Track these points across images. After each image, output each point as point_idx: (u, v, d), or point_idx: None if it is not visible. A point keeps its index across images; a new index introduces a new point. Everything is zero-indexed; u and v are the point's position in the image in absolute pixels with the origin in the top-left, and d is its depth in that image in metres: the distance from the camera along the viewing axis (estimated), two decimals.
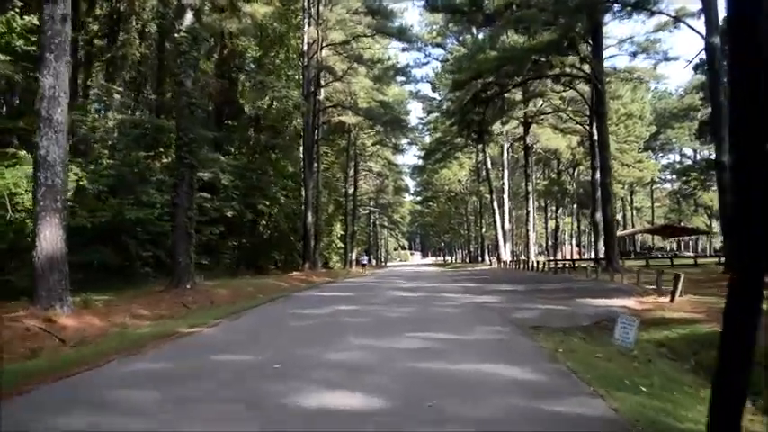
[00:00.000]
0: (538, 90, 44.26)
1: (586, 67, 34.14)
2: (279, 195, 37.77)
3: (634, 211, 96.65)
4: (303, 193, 40.80)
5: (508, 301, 15.14)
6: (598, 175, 43.34)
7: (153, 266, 25.04)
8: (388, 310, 13.39)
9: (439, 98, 65.22)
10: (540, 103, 51.50)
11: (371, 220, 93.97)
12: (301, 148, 41.80)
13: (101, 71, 35.56)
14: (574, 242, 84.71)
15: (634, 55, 38.36)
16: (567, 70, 34.41)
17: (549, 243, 78.16)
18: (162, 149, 28.23)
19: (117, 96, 30.93)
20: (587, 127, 43.72)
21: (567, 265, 34.22)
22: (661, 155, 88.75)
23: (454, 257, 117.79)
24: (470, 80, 31.78)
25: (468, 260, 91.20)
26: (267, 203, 34.81)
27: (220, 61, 37.52)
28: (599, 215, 43.72)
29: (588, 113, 42.93)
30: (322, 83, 42.43)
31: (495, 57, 30.99)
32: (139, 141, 27.87)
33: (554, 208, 73.56)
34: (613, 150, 54.39)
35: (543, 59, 31.08)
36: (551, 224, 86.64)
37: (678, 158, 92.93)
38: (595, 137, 42.56)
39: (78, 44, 29.52)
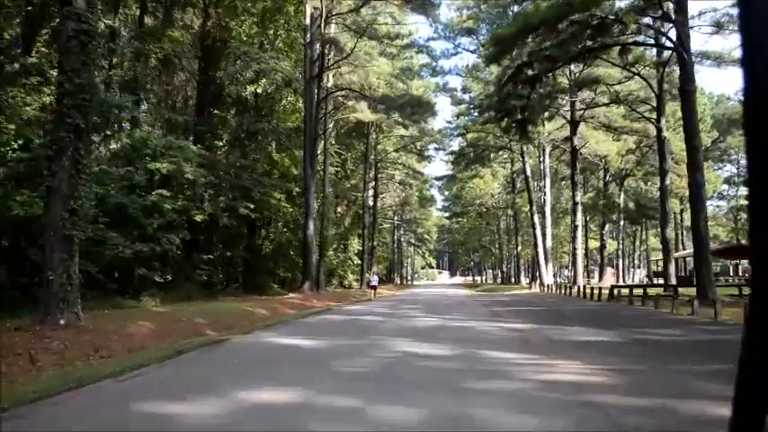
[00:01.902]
0: (593, 76, 36.25)
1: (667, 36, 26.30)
2: (272, 197, 30.26)
3: (684, 231, 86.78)
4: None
5: (639, 386, 7.15)
6: (668, 181, 35.27)
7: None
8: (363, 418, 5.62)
9: (468, 99, 57.40)
10: (591, 96, 43.47)
11: (396, 236, 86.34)
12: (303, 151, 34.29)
13: None
14: (620, 264, 75.55)
15: (718, 28, 30.29)
16: (640, 38, 26.55)
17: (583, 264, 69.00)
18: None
19: None
20: (653, 121, 35.57)
21: (632, 293, 26.13)
22: (718, 166, 79.49)
23: (484, 277, 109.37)
24: (515, 38, 23.99)
25: (500, 281, 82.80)
26: (251, 206, 27.34)
27: (202, 35, 30.39)
28: (669, 231, 35.66)
29: (655, 104, 34.80)
30: (328, 63, 35.00)
31: (550, 5, 23.19)
32: None
33: (600, 224, 64.84)
34: (677, 151, 45.97)
35: (612, 18, 23.23)
36: (592, 243, 78.13)
37: (736, 170, 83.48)
38: (664, 132, 34.58)
39: None
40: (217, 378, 7.38)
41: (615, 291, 27.78)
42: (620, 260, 74.47)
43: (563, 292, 37.01)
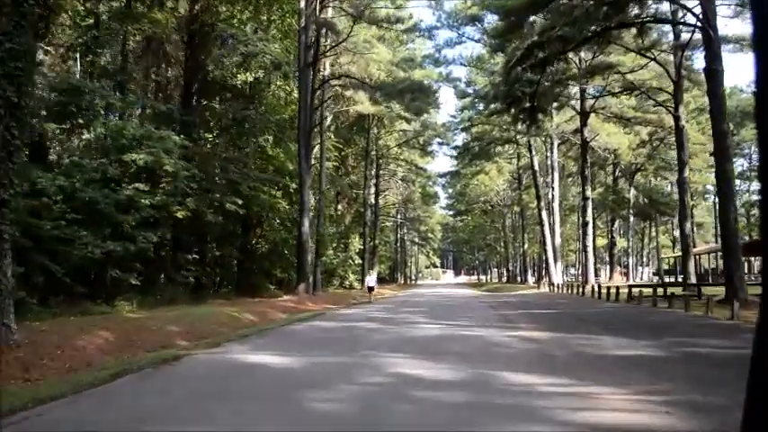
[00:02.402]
0: (605, 63, 34.12)
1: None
2: (263, 192, 28.19)
3: (696, 228, 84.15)
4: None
5: None
6: (686, 172, 33.10)
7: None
8: None
9: (473, 92, 55.12)
10: (602, 85, 41.30)
11: (399, 235, 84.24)
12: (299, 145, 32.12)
13: None
14: (629, 262, 73.18)
15: (742, 7, 28.12)
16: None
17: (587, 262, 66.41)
18: None
19: None
20: (670, 109, 33.38)
21: (655, 293, 23.94)
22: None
23: (489, 276, 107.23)
24: (527, 11, 21.90)
25: (506, 280, 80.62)
26: (240, 202, 25.27)
27: (189, 19, 28.31)
28: (688, 225, 33.51)
29: (672, 91, 32.57)
30: (325, 49, 32.89)
31: None
32: None
33: (610, 221, 62.54)
34: (692, 146, 43.79)
35: None
36: (599, 240, 75.97)
37: (747, 165, 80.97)
38: (683, 121, 32.37)
39: None
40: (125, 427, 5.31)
41: (632, 290, 25.65)
42: (629, 258, 72.14)
43: (574, 291, 34.88)
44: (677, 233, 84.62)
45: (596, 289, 29.65)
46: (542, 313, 19.40)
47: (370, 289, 27.94)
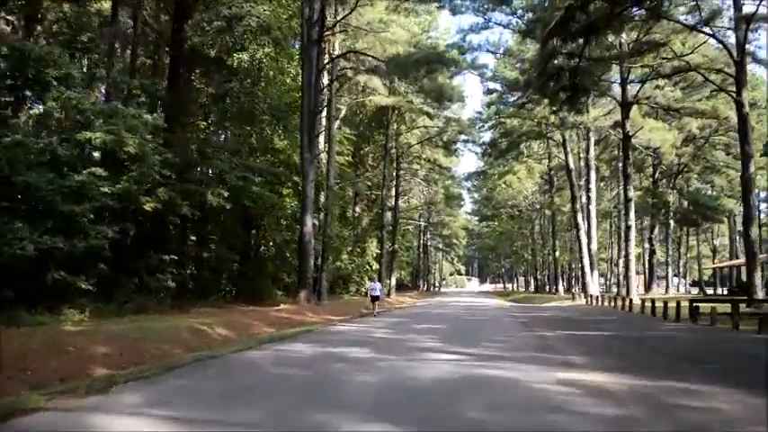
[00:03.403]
0: (653, 41, 29.62)
1: None
2: (255, 185, 24.23)
3: (736, 236, 77.66)
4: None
5: None
6: (752, 168, 28.41)
7: None
8: None
9: (501, 85, 50.54)
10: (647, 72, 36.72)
11: (422, 240, 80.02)
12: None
13: None
14: (669, 273, 67.68)
15: None
16: None
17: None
18: None
19: None
20: (732, 93, 28.69)
21: (737, 312, 19.43)
22: None
23: (515, 285, 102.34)
24: None
25: (533, 289, 75.81)
26: (225, 194, 21.37)
27: None
28: (755, 230, 28.82)
29: (735, 72, 27.90)
30: (330, 20, 28.86)
31: None
32: None
33: (650, 226, 57.48)
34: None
35: None
36: (634, 247, 70.78)
37: None
38: (746, 108, 27.71)
39: None
40: None
41: (694, 307, 21.08)
42: (668, 268, 66.75)
43: (615, 305, 30.35)
44: (717, 242, 79.42)
45: (644, 304, 25.19)
46: (592, 337, 15.05)
47: (374, 299, 23.69)
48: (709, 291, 60.23)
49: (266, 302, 27.63)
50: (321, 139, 34.29)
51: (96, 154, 20.15)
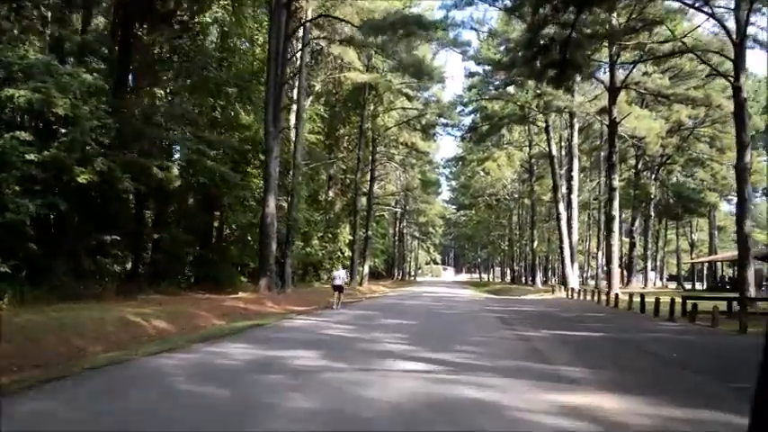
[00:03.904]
0: (649, 18, 27.68)
1: None
2: (209, 158, 21.83)
3: (715, 232, 76.37)
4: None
5: None
6: (748, 158, 26.69)
7: None
8: None
9: (482, 70, 48.33)
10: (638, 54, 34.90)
11: (397, 228, 77.99)
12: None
13: None
14: (648, 267, 66.37)
15: None
16: None
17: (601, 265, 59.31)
18: None
19: None
20: (730, 78, 26.92)
21: (746, 308, 17.68)
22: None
23: (491, 275, 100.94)
24: None
25: (510, 280, 74.33)
26: (176, 170, 19.04)
27: None
28: (749, 223, 27.14)
29: (734, 55, 26.09)
30: None
31: None
32: None
33: (631, 219, 56.00)
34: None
35: None
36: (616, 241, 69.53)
37: None
38: (744, 93, 25.96)
39: None
40: None
41: (687, 304, 19.33)
42: (647, 262, 65.46)
43: (599, 300, 28.63)
44: (695, 236, 78.46)
45: (631, 299, 23.44)
46: (584, 339, 13.07)
47: (337, 288, 21.09)
48: (687, 286, 59.03)
49: (228, 290, 25.47)
50: (293, 116, 32.03)
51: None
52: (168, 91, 26.52)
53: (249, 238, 29.27)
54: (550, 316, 20.18)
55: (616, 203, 36.44)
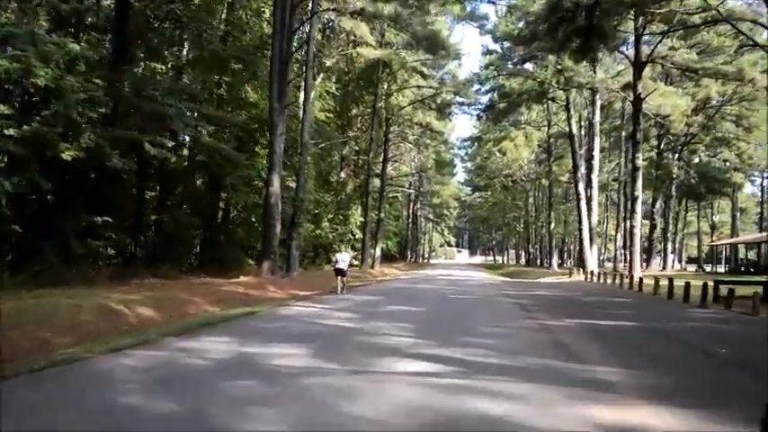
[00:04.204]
0: None
1: None
2: (210, 135, 20.56)
3: (737, 213, 73.70)
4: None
5: None
6: None
7: None
8: None
9: (501, 46, 46.50)
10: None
11: (412, 210, 76.54)
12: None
13: None
14: (669, 249, 64.38)
15: None
16: None
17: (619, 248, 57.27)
18: None
19: None
20: None
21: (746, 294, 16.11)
22: None
23: (506, 257, 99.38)
24: None
25: (526, 263, 72.78)
26: (169, 145, 17.77)
27: None
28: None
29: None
30: None
31: None
32: None
33: (651, 199, 54.02)
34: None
35: None
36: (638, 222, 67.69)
37: None
38: None
39: None
40: None
41: (717, 288, 17.81)
42: (668, 244, 63.49)
43: (620, 283, 27.14)
44: (716, 218, 76.07)
45: (657, 283, 21.94)
46: (615, 330, 11.63)
47: (339, 272, 19.49)
48: (707, 268, 57.22)
49: (234, 273, 24.25)
50: (301, 94, 30.67)
51: None
52: (170, 66, 25.26)
53: (254, 219, 28.05)
54: (572, 301, 18.78)
55: (639, 183, 34.81)
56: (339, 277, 19.41)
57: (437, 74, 49.92)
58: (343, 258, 20.15)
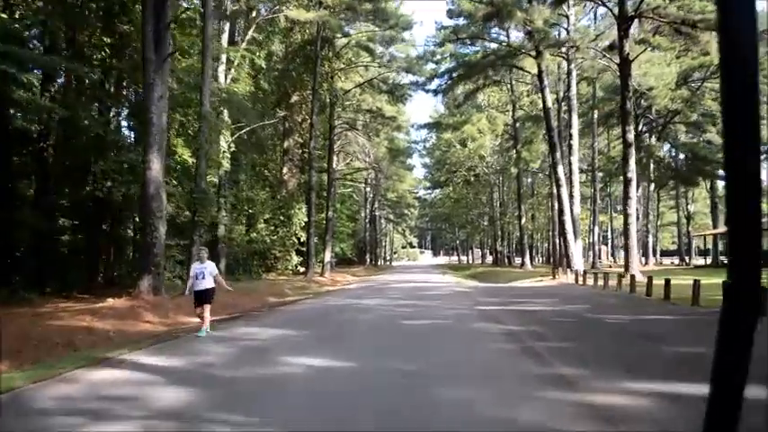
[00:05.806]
0: None
1: None
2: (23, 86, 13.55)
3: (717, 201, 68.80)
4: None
5: None
6: None
7: None
8: None
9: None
10: None
11: (369, 210, 70.23)
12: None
13: None
14: (650, 242, 59.11)
15: None
16: None
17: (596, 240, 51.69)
18: None
19: None
20: None
21: None
22: None
23: (470, 257, 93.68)
24: None
25: (493, 262, 66.87)
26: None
27: None
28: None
29: None
30: None
31: None
32: None
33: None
34: None
35: None
36: (602, 216, 62.91)
37: None
38: None
39: None
40: None
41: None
42: (649, 236, 58.23)
43: (621, 287, 21.07)
44: (692, 207, 71.47)
45: (668, 287, 15.82)
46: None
47: (200, 299, 11.38)
48: (697, 262, 52.26)
49: (129, 291, 17.14)
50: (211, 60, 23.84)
51: None
52: None
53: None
54: (591, 323, 12.34)
55: (632, 162, 28.92)
56: (199, 308, 11.49)
57: (386, 50, 43.74)
58: (203, 272, 11.68)
